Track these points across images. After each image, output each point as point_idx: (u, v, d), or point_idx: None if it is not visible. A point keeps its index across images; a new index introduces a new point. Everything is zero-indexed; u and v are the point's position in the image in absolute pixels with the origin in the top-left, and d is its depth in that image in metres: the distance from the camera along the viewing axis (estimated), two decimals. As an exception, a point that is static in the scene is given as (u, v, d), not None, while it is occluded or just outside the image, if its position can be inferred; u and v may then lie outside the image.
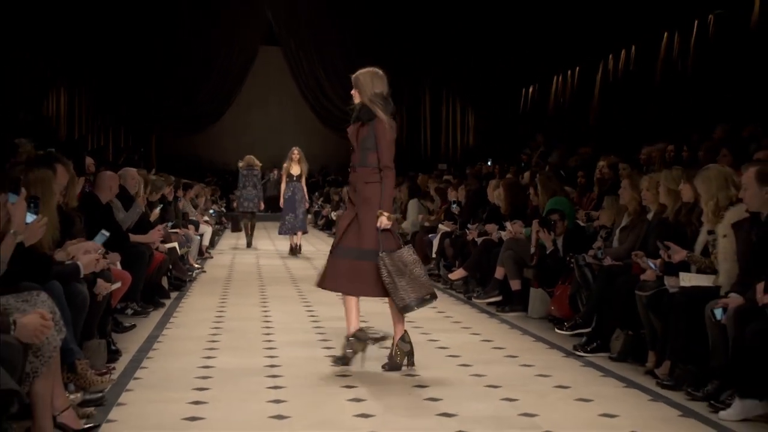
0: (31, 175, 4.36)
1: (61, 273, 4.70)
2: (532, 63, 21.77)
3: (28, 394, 3.51)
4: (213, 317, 7.81)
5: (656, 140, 10.86)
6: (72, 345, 4.45)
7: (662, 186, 6.09)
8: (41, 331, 3.36)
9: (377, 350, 6.32)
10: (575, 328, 6.67)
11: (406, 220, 13.60)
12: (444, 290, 10.05)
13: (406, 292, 5.47)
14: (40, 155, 5.75)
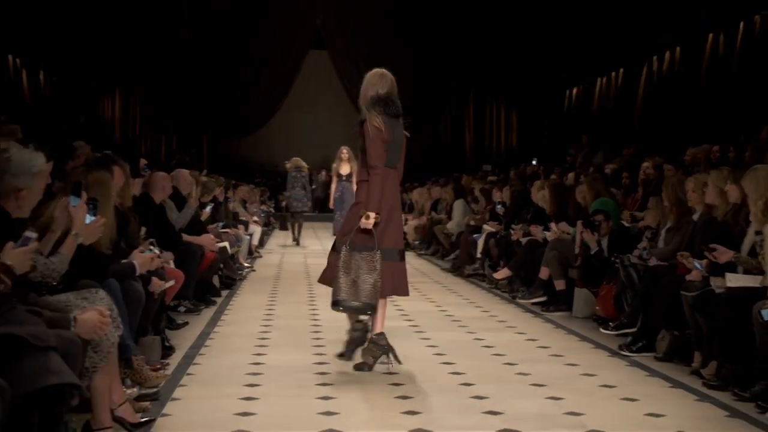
0: (90, 176, 4.43)
1: (118, 271, 4.77)
2: (576, 64, 21.58)
3: (87, 388, 3.58)
4: (262, 315, 7.87)
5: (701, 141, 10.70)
6: (129, 341, 4.51)
7: (710, 186, 5.98)
8: (100, 327, 3.42)
9: (417, 350, 6.33)
10: (620, 328, 6.61)
11: (452, 220, 13.58)
12: (489, 290, 10.01)
13: (339, 290, 5.39)
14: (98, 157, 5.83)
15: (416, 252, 15.47)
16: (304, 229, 17.20)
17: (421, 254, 15.10)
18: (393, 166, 5.64)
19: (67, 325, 3.29)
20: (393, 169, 5.65)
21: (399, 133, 5.69)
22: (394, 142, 5.62)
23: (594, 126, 20.07)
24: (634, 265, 6.77)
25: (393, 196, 5.61)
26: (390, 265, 5.52)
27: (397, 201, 5.71)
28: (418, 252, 15.36)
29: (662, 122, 16.39)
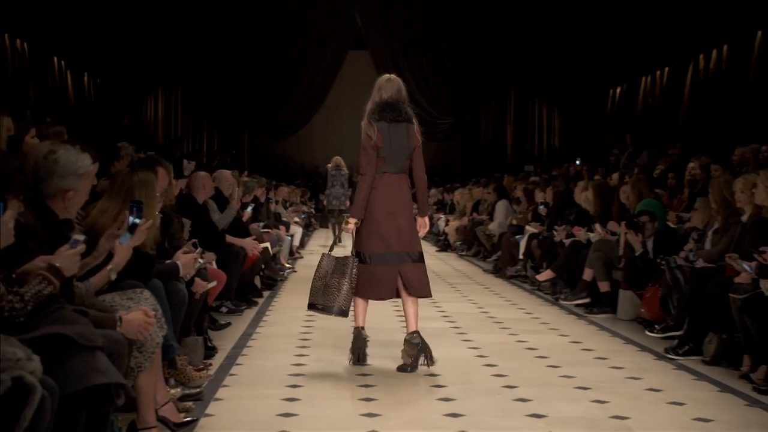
0: (135, 178, 4.48)
1: (162, 272, 4.81)
2: (619, 63, 21.35)
3: (132, 387, 3.62)
4: (304, 316, 7.88)
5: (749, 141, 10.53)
6: (172, 341, 4.55)
7: (760, 186, 5.88)
8: (145, 327, 3.45)
9: (459, 352, 6.31)
10: (667, 331, 6.53)
11: (494, 221, 13.52)
12: (531, 291, 9.96)
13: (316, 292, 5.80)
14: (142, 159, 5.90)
15: (457, 253, 15.44)
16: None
17: (463, 255, 15.06)
18: (395, 171, 5.74)
19: (113, 325, 3.33)
20: (395, 175, 5.73)
21: (402, 139, 5.74)
22: (395, 148, 5.71)
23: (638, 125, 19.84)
24: (680, 266, 6.69)
25: (395, 201, 5.72)
26: (413, 266, 5.73)
27: (403, 205, 5.76)
28: (460, 253, 15.32)
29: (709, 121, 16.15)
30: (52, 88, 18.02)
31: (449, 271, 12.51)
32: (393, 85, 5.86)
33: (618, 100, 22.81)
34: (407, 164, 5.81)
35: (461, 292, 9.91)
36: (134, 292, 3.92)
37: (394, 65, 29.18)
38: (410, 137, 5.78)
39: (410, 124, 5.80)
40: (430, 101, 29.16)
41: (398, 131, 5.74)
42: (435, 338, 6.77)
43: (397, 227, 5.74)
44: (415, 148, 5.81)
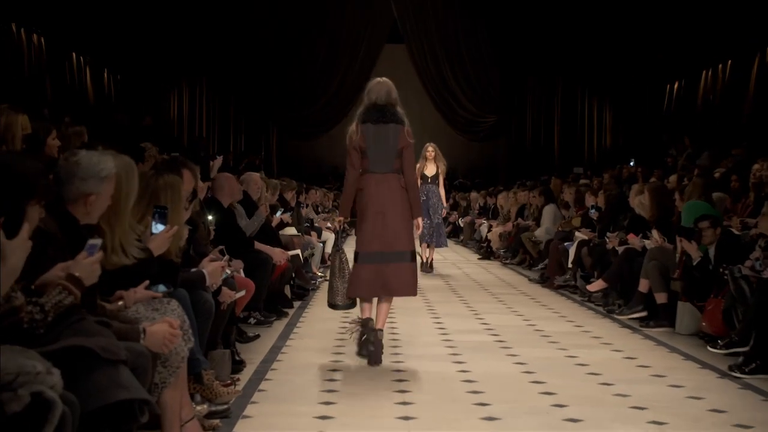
0: (161, 180, 4.52)
1: (187, 281, 4.85)
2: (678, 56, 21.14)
3: (156, 403, 3.65)
4: (337, 328, 7.90)
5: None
6: (198, 355, 4.58)
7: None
8: (170, 340, 3.48)
9: (504, 367, 6.28)
10: (731, 347, 6.44)
11: (540, 227, 13.46)
12: (581, 303, 9.89)
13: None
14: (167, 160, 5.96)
15: (501, 261, 15.38)
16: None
17: (507, 263, 15.00)
18: (380, 171, 6.31)
19: (137, 337, 3.36)
20: (383, 175, 6.30)
21: (388, 140, 6.28)
22: (380, 148, 6.28)
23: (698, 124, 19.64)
24: (745, 277, 6.60)
25: (384, 200, 6.28)
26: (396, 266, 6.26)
27: (392, 204, 6.30)
28: (504, 261, 15.27)
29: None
30: (71, 85, 18.26)
31: (492, 281, 12.46)
32: (382, 88, 6.43)
33: (676, 96, 22.59)
34: (397, 165, 6.33)
35: (505, 303, 9.87)
36: (160, 302, 3.95)
37: (433, 60, 29.22)
38: (397, 138, 6.29)
39: (398, 125, 6.31)
40: (471, 98, 29.11)
41: (384, 132, 6.28)
42: (477, 352, 6.77)
43: (384, 226, 6.26)
44: (403, 149, 6.31)
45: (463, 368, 6.18)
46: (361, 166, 6.38)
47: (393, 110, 6.37)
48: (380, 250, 6.25)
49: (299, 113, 29.51)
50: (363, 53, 29.34)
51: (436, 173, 13.25)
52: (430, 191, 13.12)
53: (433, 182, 13.22)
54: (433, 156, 13.24)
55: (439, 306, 9.54)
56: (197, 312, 4.74)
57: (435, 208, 13.22)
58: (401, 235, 6.27)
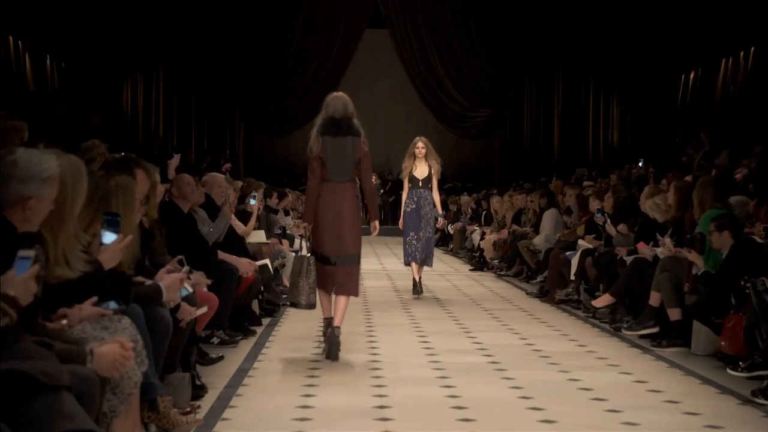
0: (111, 182, 4.50)
1: (141, 295, 4.82)
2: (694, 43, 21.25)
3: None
4: (311, 348, 7.90)
5: None
6: (153, 379, 4.56)
7: None
8: (121, 362, 3.46)
9: (498, 392, 6.30)
10: (753, 369, 6.46)
11: (539, 234, 13.48)
12: (585, 319, 9.92)
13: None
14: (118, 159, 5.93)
15: (495, 272, 15.41)
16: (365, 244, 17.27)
17: (502, 275, 15.03)
18: (340, 180, 7.57)
19: (83, 359, 3.34)
20: (340, 183, 7.57)
21: (345, 151, 7.54)
22: (337, 159, 7.53)
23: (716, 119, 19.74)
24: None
25: (340, 207, 7.55)
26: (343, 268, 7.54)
27: (347, 211, 7.57)
28: (498, 272, 15.30)
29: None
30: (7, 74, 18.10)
31: (485, 294, 12.47)
32: (339, 102, 7.65)
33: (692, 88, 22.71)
34: (353, 173, 7.65)
35: (500, 320, 9.88)
36: (110, 319, 3.93)
37: (419, 46, 29.28)
38: (354, 149, 7.56)
39: (355, 137, 7.58)
40: (462, 90, 29.18)
41: (341, 144, 7.54)
42: (468, 375, 6.78)
43: (339, 231, 7.54)
44: (359, 159, 7.60)
45: (453, 393, 6.17)
46: (320, 174, 7.58)
47: (349, 123, 7.59)
48: (335, 254, 7.54)
49: (269, 106, 29.48)
50: (341, 38, 29.36)
51: (428, 175, 12.05)
52: (422, 198, 11.97)
53: (425, 186, 12.01)
54: (424, 153, 12.05)
55: (425, 323, 9.53)
56: (152, 330, 4.71)
57: (428, 218, 12.03)
58: (352, 240, 7.58)
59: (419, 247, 11.95)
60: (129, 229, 4.25)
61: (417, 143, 12.20)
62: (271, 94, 29.13)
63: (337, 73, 29.70)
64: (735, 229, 7.63)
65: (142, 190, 5.15)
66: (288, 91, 29.33)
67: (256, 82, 28.65)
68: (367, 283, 13.65)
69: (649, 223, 9.58)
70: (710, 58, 21.09)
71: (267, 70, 28.62)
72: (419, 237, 11.94)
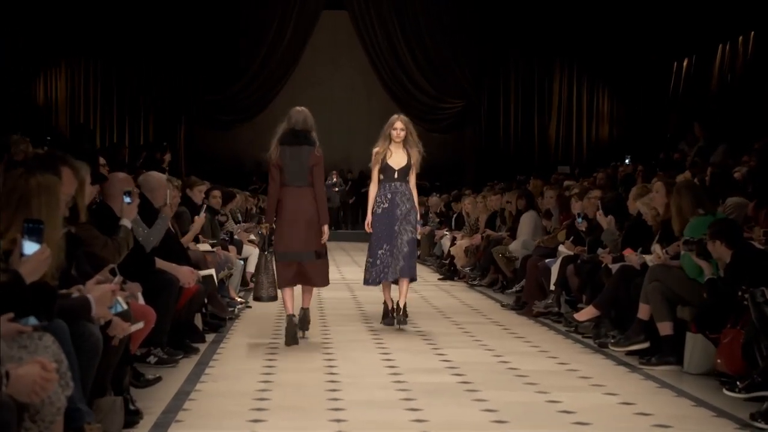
0: (33, 182, 4.45)
1: (67, 309, 4.78)
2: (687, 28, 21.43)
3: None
4: (261, 367, 7.87)
5: None
6: (80, 404, 4.52)
7: None
8: (42, 386, 3.42)
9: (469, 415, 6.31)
10: (752, 390, 6.51)
11: (516, 239, 13.51)
12: (567, 334, 9.96)
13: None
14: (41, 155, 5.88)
15: (467, 282, 15.44)
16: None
17: (474, 285, 15.06)
18: (298, 185, 9.24)
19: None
20: (298, 188, 9.24)
21: (301, 159, 9.24)
22: (294, 166, 9.24)
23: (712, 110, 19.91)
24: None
25: (297, 209, 9.24)
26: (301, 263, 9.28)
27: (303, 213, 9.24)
28: (470, 282, 15.32)
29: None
30: None
31: (456, 306, 12.49)
32: (301, 116, 9.40)
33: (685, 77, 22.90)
34: (309, 179, 9.27)
35: (472, 335, 9.89)
36: (29, 337, 3.89)
37: (383, 30, 29.26)
38: (309, 158, 9.25)
39: (311, 147, 9.29)
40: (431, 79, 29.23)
41: (298, 152, 9.26)
42: (436, 397, 6.80)
43: (298, 231, 9.25)
44: (313, 166, 9.27)
45: (418, 417, 6.16)
46: (280, 180, 9.27)
47: (306, 134, 9.35)
48: (298, 251, 9.25)
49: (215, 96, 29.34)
50: (295, 20, 29.26)
51: (407, 164, 10.56)
52: (398, 193, 10.50)
53: (402, 178, 10.55)
54: (403, 137, 10.55)
55: (389, 339, 9.53)
56: (80, 349, 4.68)
57: (405, 218, 10.45)
58: (313, 238, 9.28)
59: (391, 262, 10.35)
60: (53, 234, 4.21)
61: (395, 123, 10.66)
62: (216, 82, 28.99)
63: (290, 60, 29.63)
64: (730, 236, 7.66)
65: (68, 190, 5.11)
66: (235, 79, 29.21)
67: (199, 68, 28.49)
68: (324, 295, 13.61)
69: (637, 229, 9.63)
70: (706, 44, 21.27)
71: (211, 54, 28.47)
72: (393, 249, 10.35)
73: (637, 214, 9.89)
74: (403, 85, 29.41)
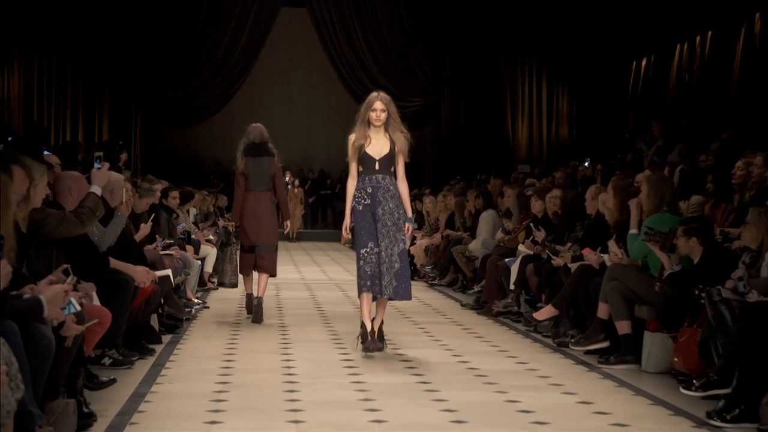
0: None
1: (18, 310, 4.74)
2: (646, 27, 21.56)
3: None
4: (218, 368, 7.84)
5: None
6: (31, 407, 4.48)
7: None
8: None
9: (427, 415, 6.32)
10: (709, 388, 6.56)
11: (476, 238, 13.54)
12: (526, 334, 9.99)
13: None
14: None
15: (427, 281, 15.45)
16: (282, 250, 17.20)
17: (434, 285, 15.09)
18: (260, 190, 10.92)
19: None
20: (261, 193, 10.92)
21: (263, 168, 10.89)
22: (257, 174, 10.89)
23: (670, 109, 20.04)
24: (726, 300, 6.73)
25: (259, 210, 10.93)
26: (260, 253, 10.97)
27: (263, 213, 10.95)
28: (430, 281, 15.34)
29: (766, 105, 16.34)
30: None
31: (415, 306, 12.48)
32: (257, 131, 10.99)
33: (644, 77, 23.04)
34: (269, 185, 10.98)
35: (431, 335, 9.90)
36: (-23, 338, 3.85)
37: (342, 27, 29.23)
38: (270, 167, 10.93)
39: (270, 157, 10.94)
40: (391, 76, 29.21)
41: (260, 163, 10.89)
42: (395, 397, 6.80)
43: (259, 228, 10.93)
44: (274, 174, 10.96)
45: (377, 417, 6.17)
46: (245, 186, 10.94)
47: (266, 146, 10.95)
48: (258, 243, 10.94)
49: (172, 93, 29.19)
50: (254, 19, 29.18)
51: (389, 152, 8.83)
52: (380, 188, 8.77)
53: (385, 170, 8.83)
54: (383, 119, 8.80)
55: (347, 338, 9.49)
56: (31, 351, 4.64)
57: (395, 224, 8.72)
58: (269, 233, 11.02)
59: (378, 272, 8.55)
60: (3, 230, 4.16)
61: (373, 103, 8.82)
62: (174, 79, 28.84)
63: (249, 58, 29.54)
64: (706, 235, 7.73)
65: (19, 189, 5.06)
66: (193, 76, 29.08)
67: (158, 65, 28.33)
68: (282, 294, 13.62)
69: (596, 228, 9.68)
70: (664, 44, 21.41)
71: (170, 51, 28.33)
72: (378, 254, 8.57)
73: (595, 214, 9.96)
74: (362, 83, 29.32)
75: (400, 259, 8.54)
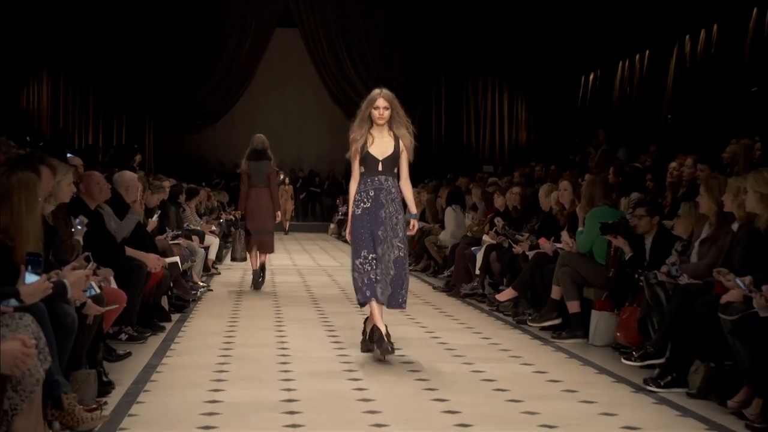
0: (14, 179, 4.38)
1: (45, 292, 4.71)
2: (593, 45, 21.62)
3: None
4: (220, 343, 7.84)
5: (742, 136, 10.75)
6: (57, 376, 4.47)
7: (750, 191, 5.97)
8: (22, 360, 3.38)
9: (404, 384, 6.32)
10: (646, 359, 6.60)
11: (445, 230, 13.57)
12: (489, 313, 10.02)
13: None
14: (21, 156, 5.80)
15: (404, 268, 15.43)
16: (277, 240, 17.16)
17: (410, 270, 15.05)
18: (261, 187, 12.15)
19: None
20: (261, 189, 12.16)
21: (262, 169, 12.15)
22: (257, 174, 12.15)
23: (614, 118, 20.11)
24: (661, 283, 6.77)
25: (260, 202, 12.16)
26: (260, 236, 12.20)
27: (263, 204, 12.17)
28: (406, 268, 15.32)
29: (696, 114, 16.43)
30: None
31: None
32: (259, 140, 12.25)
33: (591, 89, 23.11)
34: (266, 182, 12.17)
35: (407, 314, 9.88)
36: (11, 316, 3.84)
37: (329, 46, 29.22)
38: (267, 169, 12.17)
39: (268, 161, 12.19)
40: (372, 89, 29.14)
41: (260, 165, 12.13)
42: (375, 369, 6.80)
43: (259, 215, 12.15)
44: (269, 174, 12.19)
45: (359, 386, 6.20)
46: (248, 183, 12.17)
47: (265, 152, 12.19)
48: (258, 228, 12.16)
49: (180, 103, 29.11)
50: (252, 37, 29.13)
51: (393, 152, 7.49)
52: (383, 190, 7.41)
53: (388, 171, 7.48)
54: (386, 117, 7.53)
55: (334, 317, 9.52)
56: (57, 328, 4.62)
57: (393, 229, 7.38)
58: (266, 221, 12.22)
59: (380, 273, 7.24)
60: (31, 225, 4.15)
61: (376, 100, 7.61)
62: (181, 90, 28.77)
63: (247, 72, 29.52)
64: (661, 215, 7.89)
65: (46, 187, 5.04)
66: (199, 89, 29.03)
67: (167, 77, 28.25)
68: (277, 279, 13.61)
69: (550, 220, 9.73)
70: (609, 60, 21.49)
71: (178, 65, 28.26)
72: (381, 259, 7.25)
73: (549, 208, 10.01)
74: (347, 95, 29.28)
75: (395, 266, 7.26)
